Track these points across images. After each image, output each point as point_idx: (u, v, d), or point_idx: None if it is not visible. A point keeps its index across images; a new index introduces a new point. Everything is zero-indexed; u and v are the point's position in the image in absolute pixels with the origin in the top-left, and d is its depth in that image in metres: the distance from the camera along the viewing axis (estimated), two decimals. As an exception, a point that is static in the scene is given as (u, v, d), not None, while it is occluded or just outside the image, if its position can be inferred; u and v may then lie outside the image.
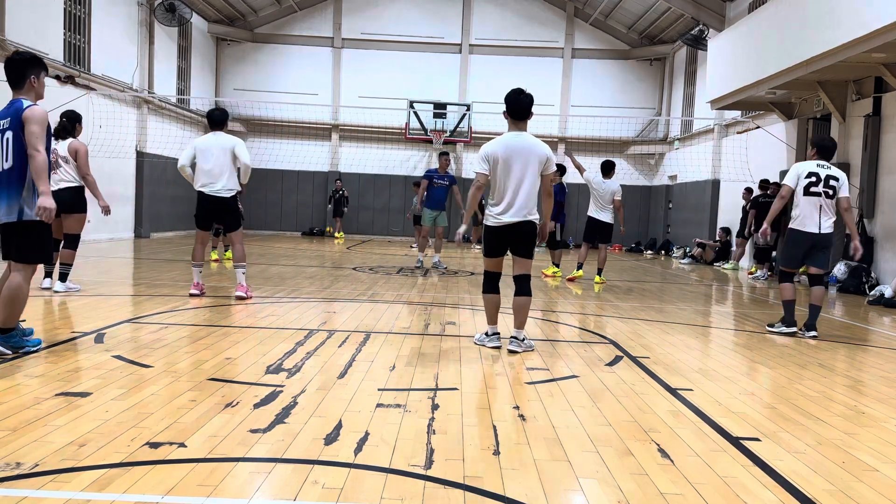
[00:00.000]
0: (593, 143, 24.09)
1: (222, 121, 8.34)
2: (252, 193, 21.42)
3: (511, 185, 5.68)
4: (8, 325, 4.87)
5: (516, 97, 5.80)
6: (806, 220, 6.97)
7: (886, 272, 11.71)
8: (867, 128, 12.34)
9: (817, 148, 7.21)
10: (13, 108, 4.88)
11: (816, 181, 6.94)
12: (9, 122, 4.84)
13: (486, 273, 5.95)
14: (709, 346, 6.78)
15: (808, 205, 6.95)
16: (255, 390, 4.24)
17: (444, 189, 12.82)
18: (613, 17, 24.23)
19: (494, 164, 5.72)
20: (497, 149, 5.74)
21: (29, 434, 3.31)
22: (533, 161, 5.69)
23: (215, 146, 8.05)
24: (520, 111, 5.80)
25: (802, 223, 6.99)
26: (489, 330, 5.96)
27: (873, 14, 9.61)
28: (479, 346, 5.88)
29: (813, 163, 7.08)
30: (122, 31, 18.62)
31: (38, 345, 5.07)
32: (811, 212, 6.95)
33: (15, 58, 5.00)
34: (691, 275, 14.98)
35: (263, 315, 7.16)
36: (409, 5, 24.89)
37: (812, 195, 6.94)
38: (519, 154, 5.69)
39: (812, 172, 6.97)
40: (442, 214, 12.94)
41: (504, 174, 5.70)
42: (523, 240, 5.79)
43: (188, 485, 2.81)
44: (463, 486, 2.93)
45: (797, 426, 3.99)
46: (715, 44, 15.93)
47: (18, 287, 4.88)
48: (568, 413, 4.05)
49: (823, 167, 7.02)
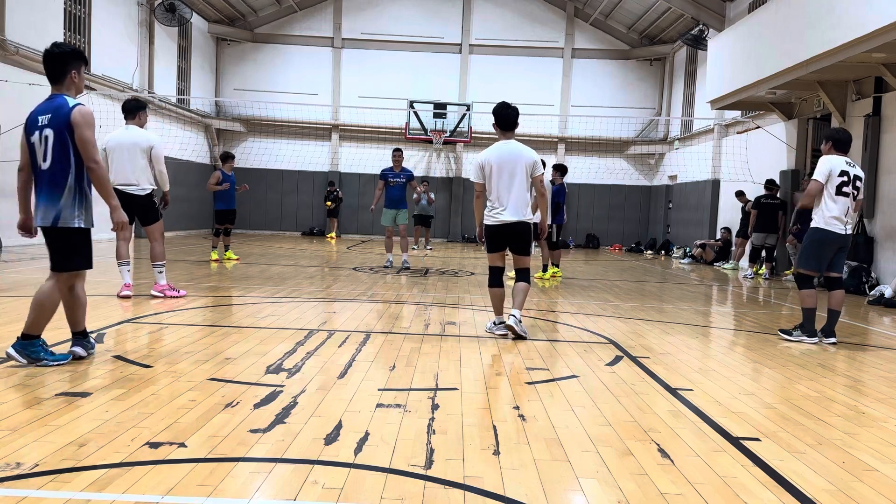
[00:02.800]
0: (593, 143, 24.11)
1: (134, 110, 7.63)
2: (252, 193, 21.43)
3: (505, 188, 6.35)
4: (32, 331, 4.58)
5: (504, 111, 6.48)
6: (835, 220, 6.57)
7: (886, 272, 11.71)
8: (867, 128, 12.34)
9: (833, 142, 6.73)
10: (55, 105, 4.54)
11: (847, 181, 6.55)
12: (49, 118, 4.51)
13: (490, 268, 6.63)
14: (709, 346, 6.78)
15: (839, 205, 6.55)
16: (255, 390, 4.24)
17: (400, 187, 12.46)
18: (613, 17, 24.23)
19: (489, 172, 6.39)
20: (490, 157, 6.42)
21: (29, 434, 3.31)
22: (521, 166, 6.38)
23: (125, 147, 7.51)
24: (507, 123, 6.49)
25: (831, 223, 6.57)
26: (496, 320, 6.57)
27: (873, 14, 9.60)
28: (478, 346, 5.89)
29: (842, 160, 6.62)
30: (122, 31, 18.63)
31: (63, 361, 4.65)
32: (840, 212, 6.57)
33: (55, 51, 4.61)
34: (691, 275, 14.98)
35: (263, 315, 7.16)
36: (409, 5, 24.89)
37: (843, 195, 6.54)
38: (509, 160, 6.37)
39: (844, 171, 6.55)
40: (402, 212, 12.59)
41: (498, 179, 6.36)
42: (519, 238, 6.45)
43: (188, 485, 2.81)
44: (463, 486, 2.93)
45: (797, 426, 3.99)
46: (715, 44, 15.93)
47: (47, 294, 4.61)
48: (568, 413, 4.05)
49: (851, 166, 6.64)
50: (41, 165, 4.54)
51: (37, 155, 4.57)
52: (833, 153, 6.71)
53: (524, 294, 6.44)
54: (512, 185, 6.31)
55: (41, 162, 4.54)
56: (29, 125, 4.61)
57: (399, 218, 12.58)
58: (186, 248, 15.82)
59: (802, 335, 6.76)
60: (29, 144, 4.60)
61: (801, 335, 6.77)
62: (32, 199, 4.69)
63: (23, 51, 14.18)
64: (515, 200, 6.32)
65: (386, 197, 12.54)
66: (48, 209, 4.54)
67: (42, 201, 4.56)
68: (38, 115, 4.59)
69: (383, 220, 12.67)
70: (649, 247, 23.68)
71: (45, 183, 4.54)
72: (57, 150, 4.50)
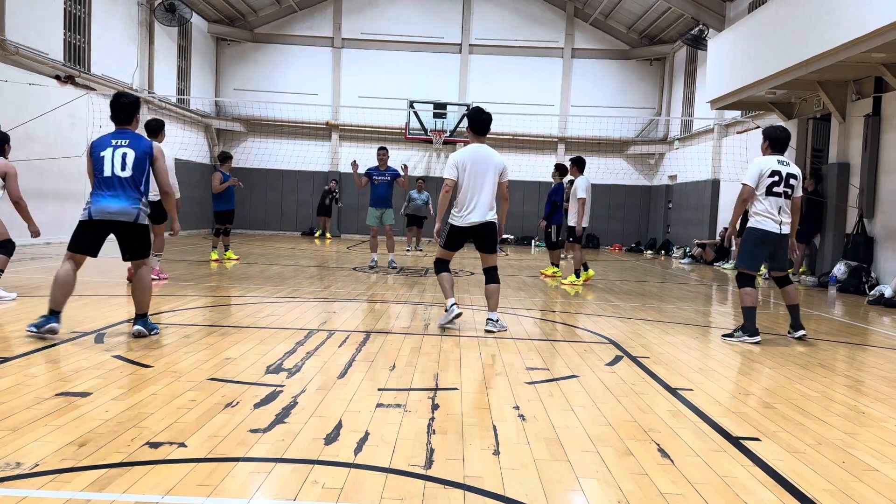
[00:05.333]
0: (593, 142, 24.10)
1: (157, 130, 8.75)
2: (252, 193, 21.42)
3: (476, 189, 6.60)
4: (144, 309, 5.68)
5: (479, 115, 6.74)
6: (766, 219, 6.58)
7: (886, 272, 11.72)
8: (867, 128, 12.34)
9: (770, 141, 6.70)
10: (134, 137, 5.66)
11: (779, 180, 6.55)
12: (128, 142, 5.61)
13: (440, 260, 6.87)
14: (709, 346, 6.78)
15: (770, 205, 6.57)
16: (255, 390, 4.24)
17: (386, 185, 12.31)
18: (613, 17, 24.23)
19: (462, 171, 6.61)
20: (465, 157, 6.65)
21: (29, 434, 3.31)
22: (492, 169, 6.65)
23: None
24: (481, 127, 6.75)
25: (763, 223, 6.59)
26: (448, 303, 6.71)
27: (873, 14, 9.61)
28: (478, 346, 5.89)
29: (773, 159, 6.62)
30: (122, 31, 18.63)
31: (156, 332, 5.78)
32: (772, 212, 6.59)
33: (124, 101, 5.71)
34: (691, 275, 14.98)
35: (263, 315, 7.16)
36: (409, 5, 24.89)
37: (774, 195, 6.56)
38: (482, 162, 6.64)
39: (775, 171, 6.55)
40: (388, 212, 12.41)
41: (469, 180, 6.60)
42: (486, 237, 6.71)
43: (188, 485, 2.81)
44: (463, 486, 2.93)
45: (797, 426, 3.99)
46: (715, 44, 15.93)
47: (148, 276, 5.75)
48: (568, 413, 4.05)
49: (784, 164, 6.63)
50: (120, 173, 5.54)
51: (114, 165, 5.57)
52: (769, 152, 6.72)
53: (497, 294, 6.77)
54: (483, 186, 6.60)
55: (120, 170, 5.54)
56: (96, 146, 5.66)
57: (385, 217, 12.40)
58: (186, 249, 15.82)
59: (744, 335, 6.65)
60: (98, 158, 5.61)
61: (743, 335, 6.66)
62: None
63: (23, 51, 14.18)
64: (483, 202, 6.61)
65: (371, 195, 12.41)
66: (129, 209, 5.54)
67: (123, 200, 5.53)
68: (110, 138, 5.67)
69: (369, 219, 12.50)
70: (649, 247, 23.69)
71: (129, 185, 5.57)
72: (136, 166, 5.58)
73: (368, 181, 12.36)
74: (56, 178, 15.43)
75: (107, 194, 5.53)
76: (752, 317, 6.66)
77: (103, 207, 5.50)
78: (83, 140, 16.14)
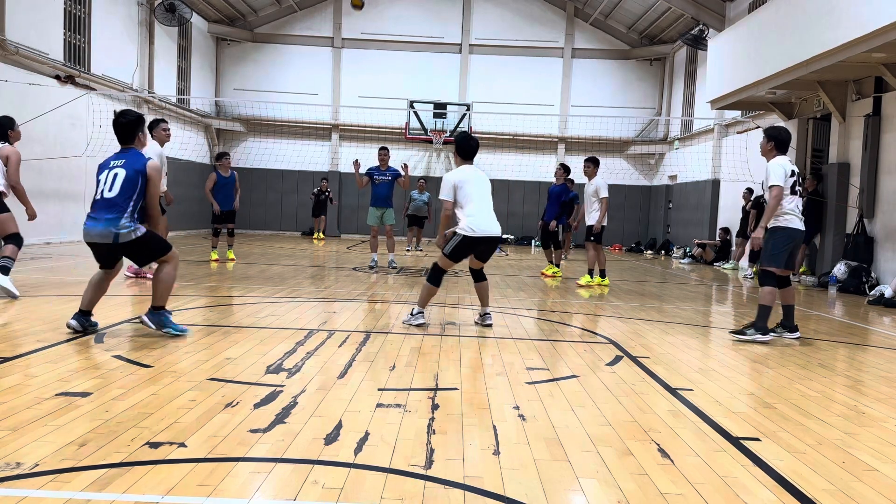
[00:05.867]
0: (593, 143, 24.09)
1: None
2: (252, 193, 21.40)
3: (485, 201, 6.78)
4: (159, 303, 5.68)
5: (466, 141, 6.94)
6: (795, 218, 6.70)
7: (886, 272, 11.72)
8: (867, 128, 12.34)
9: (776, 142, 6.78)
10: (131, 156, 5.65)
11: (796, 181, 6.73)
12: (123, 163, 5.60)
13: (442, 270, 6.88)
14: (709, 346, 6.78)
15: (796, 204, 6.73)
16: (255, 390, 4.24)
17: (387, 185, 12.28)
18: (613, 17, 24.23)
19: (467, 189, 6.71)
20: (465, 177, 6.78)
21: (29, 434, 3.31)
22: (488, 185, 6.89)
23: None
24: (468, 152, 6.94)
25: (793, 221, 6.70)
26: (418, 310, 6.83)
27: (873, 14, 9.61)
28: (478, 346, 5.89)
29: (787, 160, 6.77)
30: (122, 31, 18.62)
31: (182, 332, 5.72)
32: (797, 211, 6.75)
33: (122, 121, 5.69)
34: (691, 275, 14.98)
35: (263, 315, 7.16)
36: (409, 5, 24.89)
37: (795, 194, 6.72)
38: (481, 178, 6.89)
39: (793, 171, 6.71)
40: (388, 212, 12.36)
41: (474, 192, 6.73)
42: (491, 249, 6.94)
43: (188, 485, 2.81)
44: (463, 486, 2.93)
45: (797, 426, 3.99)
46: (715, 44, 15.93)
47: (168, 273, 5.74)
48: (568, 413, 4.05)
49: (793, 164, 6.84)
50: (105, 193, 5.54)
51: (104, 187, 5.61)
52: (775, 153, 6.76)
53: (488, 292, 7.14)
54: (486, 198, 6.83)
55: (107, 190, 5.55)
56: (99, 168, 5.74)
57: (386, 217, 12.37)
58: (186, 248, 15.82)
59: (756, 333, 6.68)
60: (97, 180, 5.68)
61: (756, 333, 6.68)
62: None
63: (23, 51, 14.19)
64: (492, 213, 6.85)
65: (372, 195, 12.40)
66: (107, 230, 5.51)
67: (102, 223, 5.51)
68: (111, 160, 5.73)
69: (369, 219, 12.48)
70: (649, 247, 23.69)
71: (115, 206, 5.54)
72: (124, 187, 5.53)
73: (370, 181, 12.35)
74: (56, 178, 15.43)
75: (90, 216, 5.60)
76: (767, 316, 6.70)
77: (86, 230, 5.60)
78: (83, 140, 16.15)
